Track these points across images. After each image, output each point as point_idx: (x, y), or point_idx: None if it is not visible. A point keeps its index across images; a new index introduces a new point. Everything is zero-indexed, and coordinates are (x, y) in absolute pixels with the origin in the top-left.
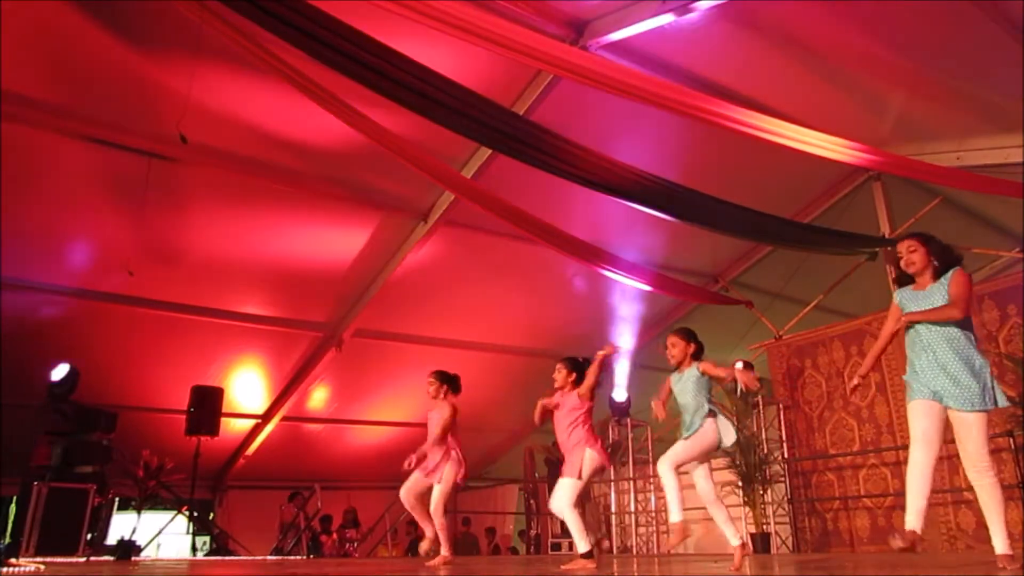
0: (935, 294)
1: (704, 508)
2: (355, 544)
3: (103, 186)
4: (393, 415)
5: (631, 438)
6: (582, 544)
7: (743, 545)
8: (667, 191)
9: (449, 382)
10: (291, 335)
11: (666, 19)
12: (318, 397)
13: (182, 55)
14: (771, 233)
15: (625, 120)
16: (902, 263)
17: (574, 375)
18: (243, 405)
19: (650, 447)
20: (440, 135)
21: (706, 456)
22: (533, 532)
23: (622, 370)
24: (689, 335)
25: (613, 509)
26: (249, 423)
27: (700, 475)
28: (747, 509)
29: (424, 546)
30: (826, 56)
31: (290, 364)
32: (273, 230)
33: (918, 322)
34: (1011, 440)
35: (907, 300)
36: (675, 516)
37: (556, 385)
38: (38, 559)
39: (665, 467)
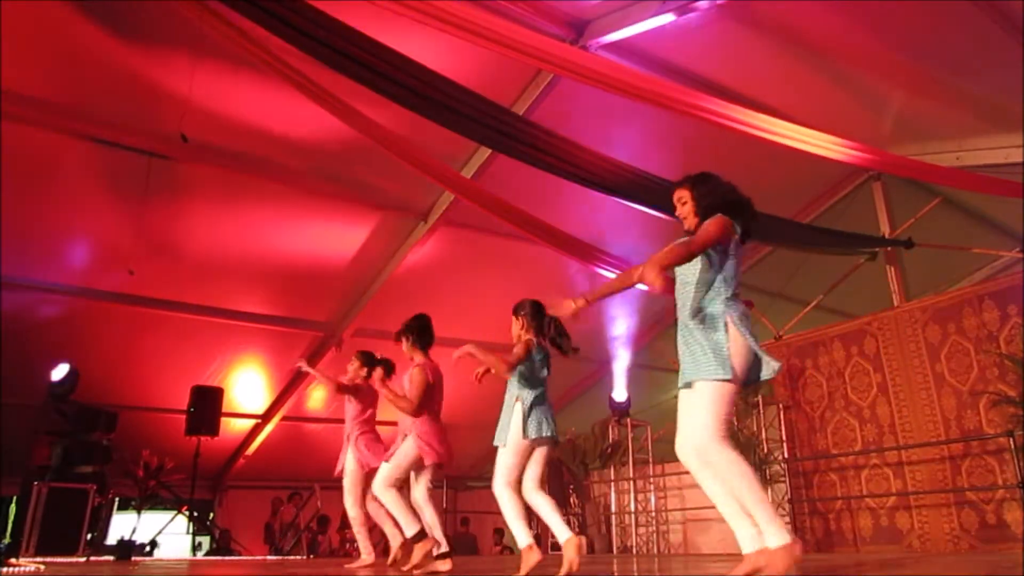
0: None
1: (708, 508)
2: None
3: (103, 185)
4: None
5: (631, 438)
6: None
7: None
8: (667, 191)
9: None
10: (291, 335)
11: (666, 19)
12: (318, 397)
13: (182, 55)
14: (771, 233)
15: (625, 119)
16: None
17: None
18: (243, 405)
19: (650, 447)
20: (440, 135)
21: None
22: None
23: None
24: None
25: (613, 509)
26: (249, 423)
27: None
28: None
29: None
30: (826, 56)
31: (290, 364)
32: (273, 229)
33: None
34: (1011, 440)
35: None
36: None
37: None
38: (38, 559)
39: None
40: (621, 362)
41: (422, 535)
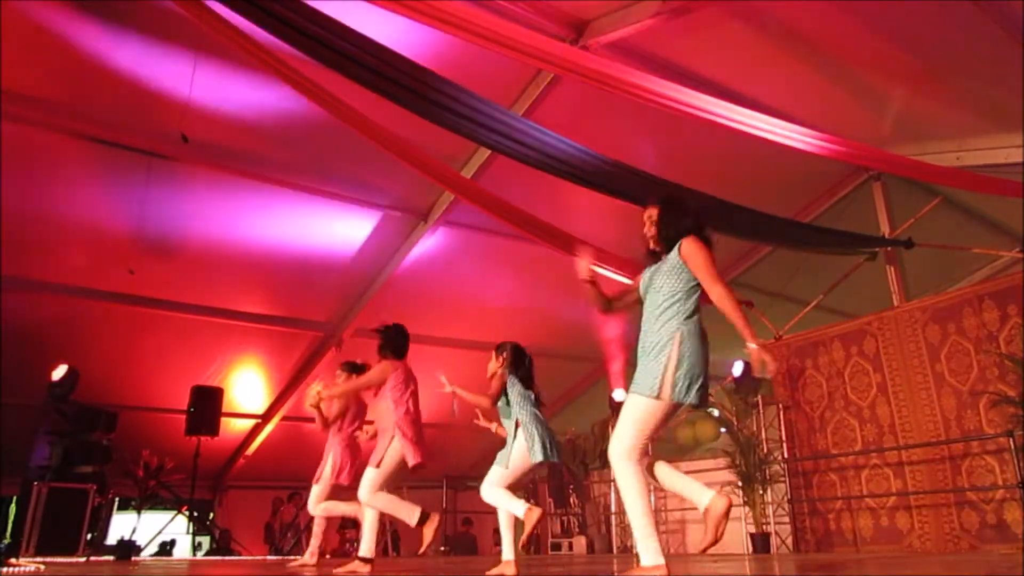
0: (659, 271)
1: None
2: (355, 544)
3: (103, 185)
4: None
5: None
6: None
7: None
8: (666, 191)
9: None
10: (291, 335)
11: (667, 19)
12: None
13: (182, 55)
14: (771, 233)
15: (625, 120)
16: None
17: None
18: (243, 405)
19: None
20: (440, 135)
21: None
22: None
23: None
24: None
25: (613, 509)
26: (249, 423)
27: None
28: (747, 509)
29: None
30: (827, 56)
31: (290, 364)
32: (273, 229)
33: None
34: (1011, 440)
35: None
36: None
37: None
38: (38, 559)
39: None
40: (620, 362)
41: (426, 517)
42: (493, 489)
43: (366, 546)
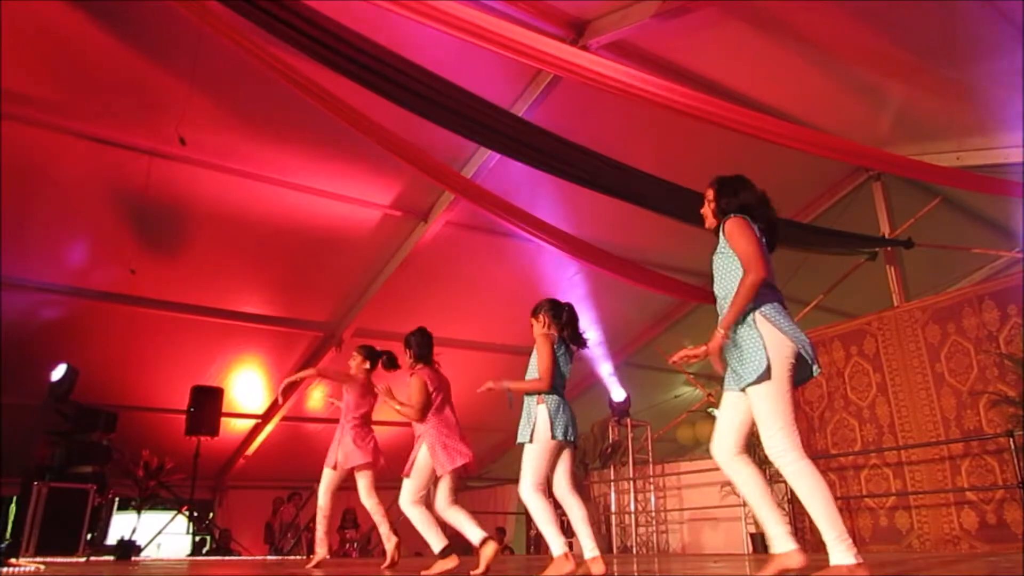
0: (716, 253)
1: (708, 508)
2: (355, 544)
3: (103, 185)
4: (392, 415)
5: (631, 438)
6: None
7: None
8: (667, 191)
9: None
10: (291, 335)
11: (666, 19)
12: (318, 397)
13: (182, 55)
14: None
15: (625, 120)
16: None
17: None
18: (243, 405)
19: (650, 447)
20: (440, 135)
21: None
22: (532, 532)
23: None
24: None
25: (613, 509)
26: (249, 423)
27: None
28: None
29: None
30: (827, 56)
31: (290, 364)
32: (273, 229)
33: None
34: (1011, 440)
35: None
36: None
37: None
38: (38, 559)
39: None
40: (620, 362)
41: (448, 551)
42: (536, 504)
43: (434, 542)
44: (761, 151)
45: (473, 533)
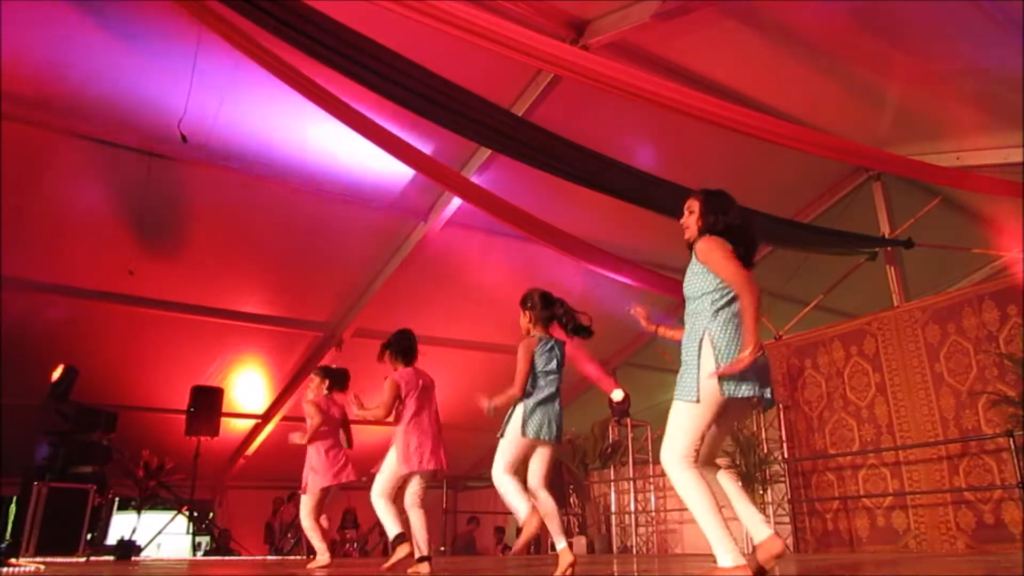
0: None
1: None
2: (354, 544)
3: (103, 185)
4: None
5: (631, 438)
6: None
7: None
8: (667, 191)
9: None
10: (291, 335)
11: (666, 19)
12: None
13: (182, 55)
14: (771, 233)
15: (625, 120)
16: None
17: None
18: (243, 405)
19: (650, 447)
20: (440, 135)
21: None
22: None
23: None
24: None
25: (613, 509)
26: (249, 423)
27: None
28: None
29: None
30: (827, 56)
31: (290, 364)
32: (273, 229)
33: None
34: (1011, 440)
35: None
36: None
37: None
38: (38, 559)
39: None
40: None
41: (401, 538)
42: (506, 482)
43: (420, 540)
44: (761, 151)
45: (392, 528)
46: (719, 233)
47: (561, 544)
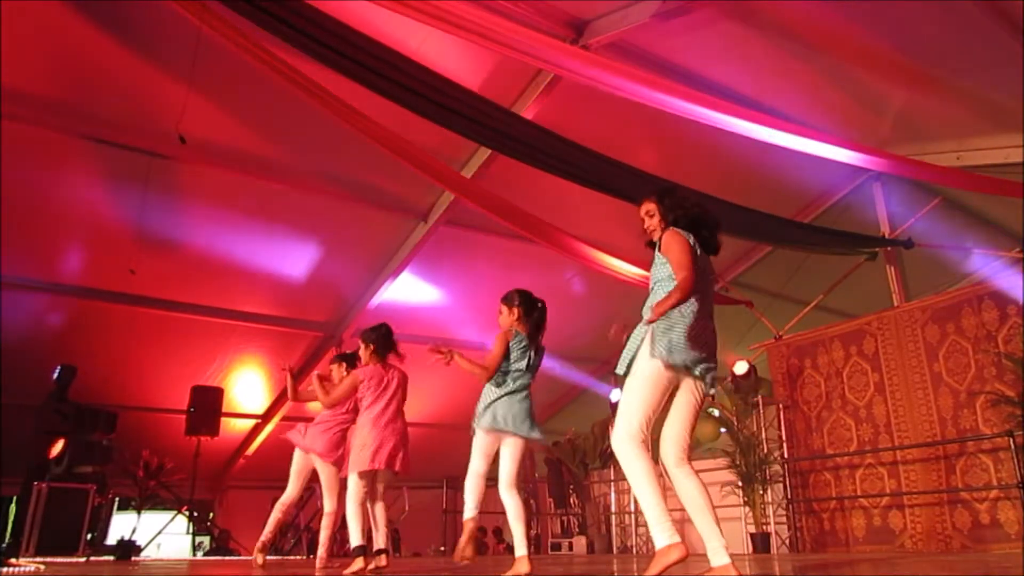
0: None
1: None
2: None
3: (103, 185)
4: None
5: None
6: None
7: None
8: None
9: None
10: (291, 335)
11: (666, 19)
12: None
13: (182, 55)
14: (771, 233)
15: (625, 119)
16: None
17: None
18: (243, 405)
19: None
20: (440, 135)
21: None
22: (533, 532)
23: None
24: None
25: (613, 509)
26: (249, 423)
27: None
28: (747, 509)
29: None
30: (827, 56)
31: (290, 364)
32: (273, 229)
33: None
34: (1011, 440)
35: None
36: None
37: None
38: (38, 559)
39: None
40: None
41: (361, 551)
42: (470, 485)
43: (354, 538)
44: (761, 151)
45: (355, 537)
46: (683, 226)
47: (521, 552)
